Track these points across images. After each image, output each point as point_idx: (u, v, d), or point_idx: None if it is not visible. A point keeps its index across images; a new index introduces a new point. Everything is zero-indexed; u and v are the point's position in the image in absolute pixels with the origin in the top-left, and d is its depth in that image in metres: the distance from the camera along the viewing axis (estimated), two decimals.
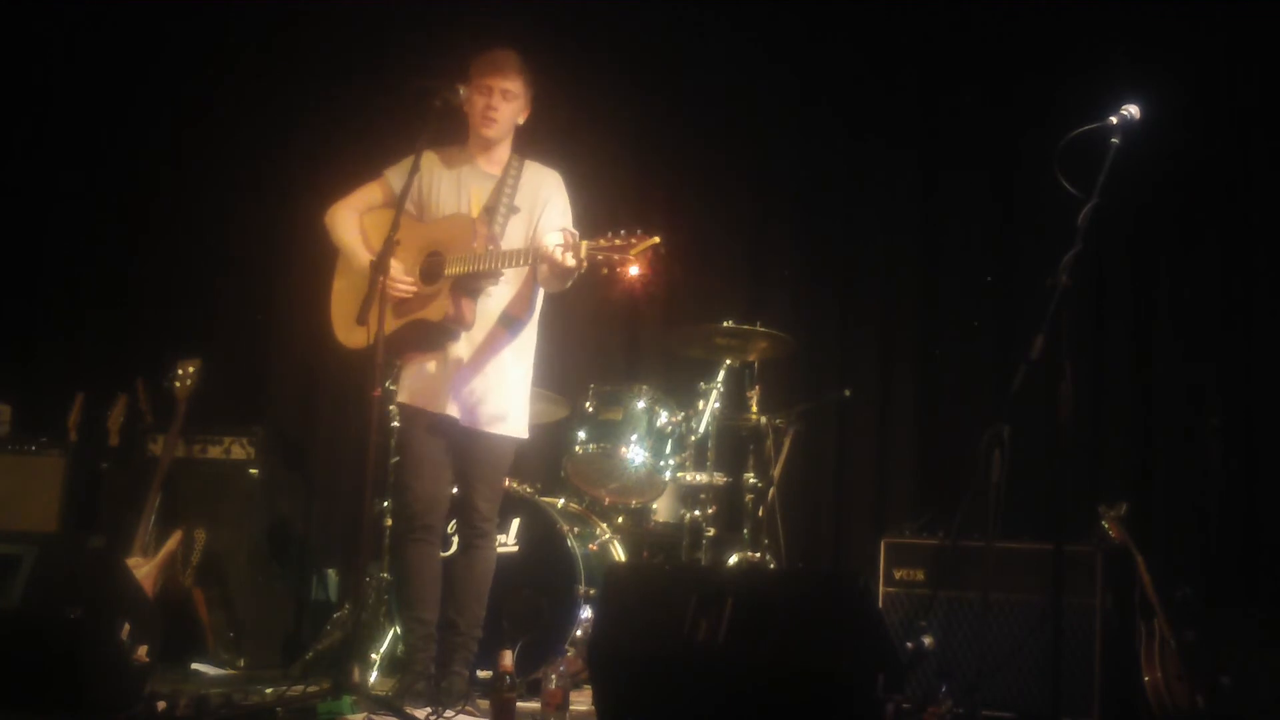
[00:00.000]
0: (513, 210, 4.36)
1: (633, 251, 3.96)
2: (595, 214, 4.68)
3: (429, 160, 4.35)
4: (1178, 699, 4.48)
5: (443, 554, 4.47)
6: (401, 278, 4.22)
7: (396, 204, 4.24)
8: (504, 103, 4.33)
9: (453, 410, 4.28)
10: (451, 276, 4.21)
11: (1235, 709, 4.42)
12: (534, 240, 4.33)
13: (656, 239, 3.98)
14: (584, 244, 4.01)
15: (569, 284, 4.22)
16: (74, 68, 6.61)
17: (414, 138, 4.26)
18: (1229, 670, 4.47)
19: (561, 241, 4.02)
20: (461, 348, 4.30)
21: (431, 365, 4.32)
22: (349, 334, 4.37)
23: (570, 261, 4.00)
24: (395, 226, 4.08)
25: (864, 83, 6.08)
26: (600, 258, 3.98)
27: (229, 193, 6.45)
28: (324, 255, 4.55)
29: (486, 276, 4.25)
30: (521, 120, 4.42)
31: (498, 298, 4.34)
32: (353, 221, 4.42)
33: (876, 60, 6.07)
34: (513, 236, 4.34)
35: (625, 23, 6.27)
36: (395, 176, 4.42)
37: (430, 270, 4.26)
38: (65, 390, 5.79)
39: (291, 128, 6.37)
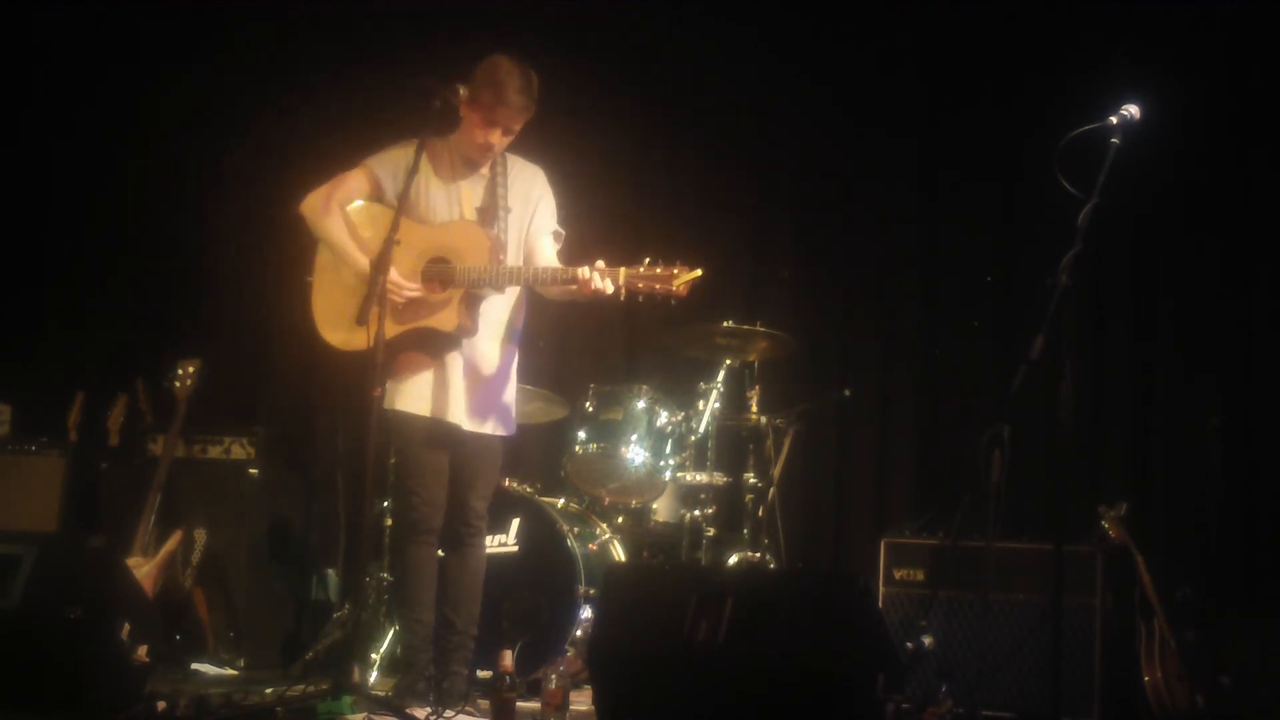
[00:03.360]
0: (507, 210, 4.33)
1: (675, 283, 3.98)
2: (595, 215, 4.70)
3: (417, 155, 4.21)
4: (1178, 699, 4.48)
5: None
6: (405, 282, 4.12)
7: (389, 201, 4.22)
8: (505, 138, 4.26)
9: (457, 416, 4.25)
10: (465, 285, 4.16)
11: (1235, 709, 4.42)
12: (528, 241, 4.35)
13: (699, 271, 4.00)
14: (623, 271, 4.02)
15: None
16: (71, 67, 6.60)
17: (411, 134, 4.23)
18: (1229, 670, 4.47)
19: (601, 267, 4.02)
20: (462, 353, 4.27)
21: (431, 372, 4.25)
22: (340, 334, 4.26)
23: (609, 289, 4.01)
24: (395, 228, 4.01)
25: (864, 82, 6.09)
26: (641, 285, 4.00)
27: (229, 192, 6.45)
28: (310, 249, 4.46)
29: (498, 286, 4.22)
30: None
31: (498, 303, 4.32)
32: (337, 215, 4.28)
33: (877, 60, 6.07)
34: (510, 237, 4.32)
35: (625, 20, 6.26)
36: (378, 167, 4.31)
37: (435, 276, 4.19)
38: (65, 390, 5.78)
39: (291, 127, 6.36)
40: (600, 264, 4.05)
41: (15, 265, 6.57)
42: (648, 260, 4.02)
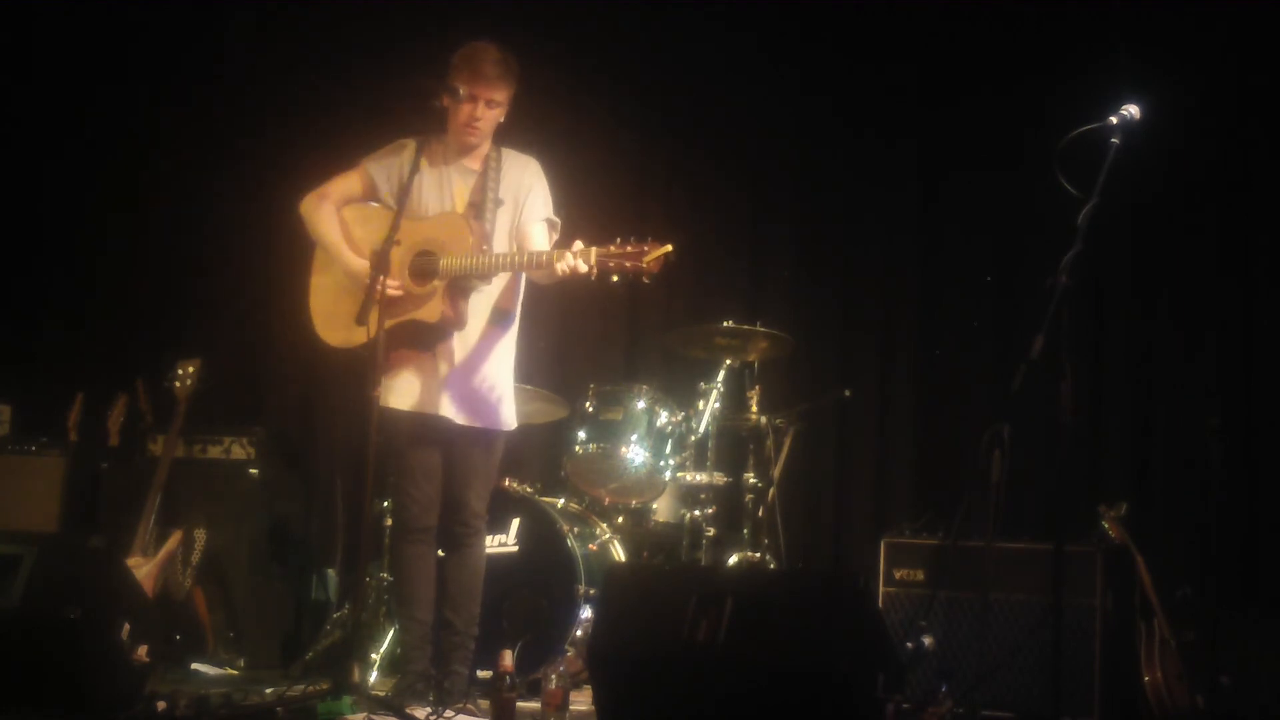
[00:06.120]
0: (498, 203, 4.35)
1: (645, 260, 3.95)
2: (594, 215, 4.69)
3: (413, 155, 4.29)
4: (1178, 699, 4.48)
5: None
6: (389, 278, 4.13)
7: (384, 200, 4.27)
8: (489, 112, 4.29)
9: (446, 410, 4.25)
10: (448, 277, 4.18)
11: (1235, 709, 4.42)
12: (519, 230, 4.35)
13: (669, 247, 3.98)
14: (594, 251, 4.01)
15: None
16: (70, 66, 6.59)
17: (406, 133, 4.26)
18: (1229, 670, 4.47)
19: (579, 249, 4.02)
20: (451, 346, 4.28)
21: (420, 366, 4.27)
22: (334, 332, 4.32)
23: (582, 269, 4.00)
24: (395, 229, 4.06)
25: (864, 81, 6.08)
26: (612, 264, 3.98)
27: (229, 192, 6.44)
28: (311, 249, 4.49)
29: (482, 276, 4.24)
30: (502, 118, 4.36)
31: (486, 294, 4.31)
32: (332, 215, 4.36)
33: (876, 59, 6.06)
34: (500, 229, 4.33)
35: (622, 19, 6.26)
36: (374, 167, 4.37)
37: (421, 269, 4.21)
38: (65, 390, 5.77)
39: (292, 127, 6.36)
40: (579, 245, 4.06)
41: (15, 265, 6.56)
42: (619, 239, 4.01)
